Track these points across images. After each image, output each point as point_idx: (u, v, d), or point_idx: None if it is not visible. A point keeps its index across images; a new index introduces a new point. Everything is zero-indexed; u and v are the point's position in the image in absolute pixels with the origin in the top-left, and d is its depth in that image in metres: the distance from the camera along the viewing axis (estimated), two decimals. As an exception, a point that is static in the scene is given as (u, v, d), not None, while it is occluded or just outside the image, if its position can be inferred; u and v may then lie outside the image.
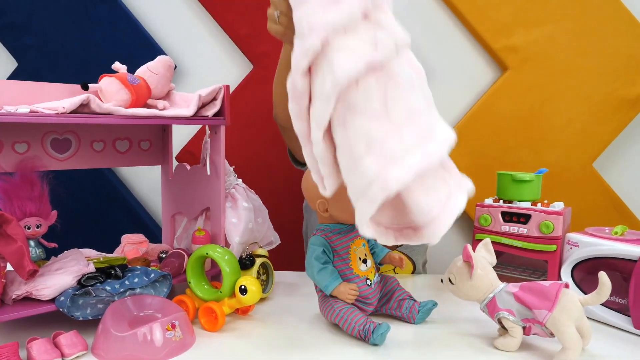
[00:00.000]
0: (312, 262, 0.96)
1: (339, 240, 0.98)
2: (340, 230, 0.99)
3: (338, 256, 0.97)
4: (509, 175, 1.16)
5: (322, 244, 0.97)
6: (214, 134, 1.11)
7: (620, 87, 1.71)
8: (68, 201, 1.72)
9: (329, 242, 0.97)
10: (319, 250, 0.96)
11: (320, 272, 0.95)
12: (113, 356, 0.85)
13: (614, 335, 0.98)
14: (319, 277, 0.95)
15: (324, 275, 0.95)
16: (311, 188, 0.99)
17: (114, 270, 0.98)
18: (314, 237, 0.99)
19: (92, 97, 0.92)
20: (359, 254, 0.99)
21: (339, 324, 0.95)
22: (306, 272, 0.98)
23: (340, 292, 0.94)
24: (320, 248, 0.96)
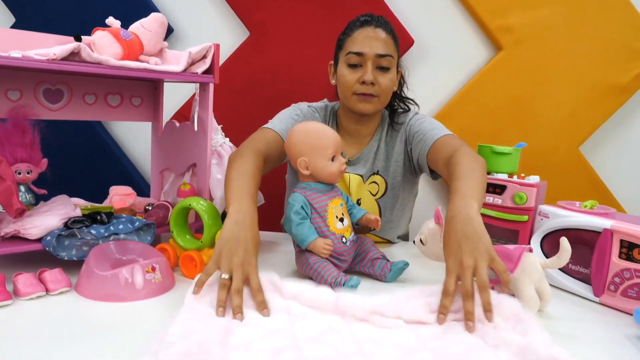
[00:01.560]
0: (290, 216, 1.00)
1: (318, 198, 1.02)
2: (320, 189, 1.03)
3: (316, 213, 1.01)
4: (488, 148, 1.20)
5: (301, 201, 1.00)
6: (202, 92, 1.14)
7: (611, 74, 1.73)
8: (59, 151, 1.76)
9: (308, 199, 1.01)
10: (297, 206, 1.00)
11: (298, 226, 0.99)
12: (95, 294, 0.89)
13: (575, 301, 1.02)
14: (296, 230, 0.99)
15: (301, 229, 0.99)
16: (294, 146, 1.03)
17: (100, 216, 1.02)
18: (294, 194, 1.02)
19: (83, 46, 0.95)
20: (336, 212, 1.02)
21: (312, 277, 0.99)
22: (284, 227, 1.03)
23: (316, 246, 0.98)
24: (299, 204, 1.00)
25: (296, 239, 1.01)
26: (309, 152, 1.01)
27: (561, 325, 0.90)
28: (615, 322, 0.92)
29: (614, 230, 0.98)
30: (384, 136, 1.34)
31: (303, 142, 1.02)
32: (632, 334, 0.87)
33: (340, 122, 1.36)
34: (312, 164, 1.02)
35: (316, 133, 1.03)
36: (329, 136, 1.02)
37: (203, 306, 0.82)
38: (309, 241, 0.99)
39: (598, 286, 1.00)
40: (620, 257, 0.98)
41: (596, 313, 0.97)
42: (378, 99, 1.25)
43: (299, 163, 1.02)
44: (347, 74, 1.24)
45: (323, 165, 1.01)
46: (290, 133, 1.05)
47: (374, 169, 1.34)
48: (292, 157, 1.04)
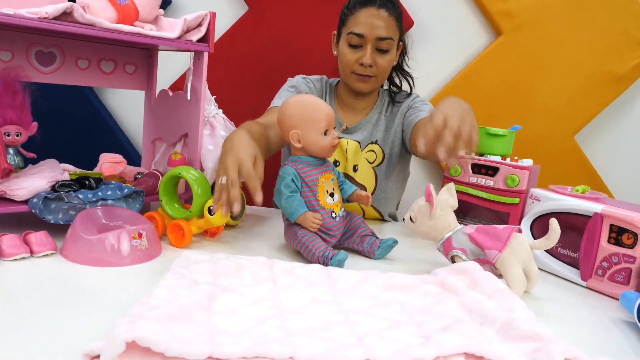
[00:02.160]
0: (280, 189, 0.99)
1: (309, 172, 1.01)
2: (311, 163, 1.02)
3: (306, 186, 1.00)
4: (482, 129, 1.19)
5: (292, 174, 0.99)
6: (197, 61, 1.13)
7: (609, 62, 1.72)
8: (52, 117, 1.74)
9: (299, 172, 1.00)
10: (288, 178, 0.99)
11: (288, 199, 0.98)
12: (80, 258, 0.88)
13: (562, 285, 1.02)
14: (286, 203, 0.98)
15: (291, 202, 0.98)
16: (287, 118, 1.01)
17: (88, 181, 1.01)
18: (285, 166, 1.01)
19: (76, 7, 0.93)
20: (326, 187, 1.02)
21: (301, 251, 0.99)
22: (274, 199, 1.01)
23: (305, 219, 0.98)
24: (290, 177, 0.99)
25: (285, 211, 1.00)
26: (301, 125, 1.00)
27: (546, 306, 0.90)
28: (601, 306, 0.93)
29: (604, 214, 0.97)
30: (384, 110, 1.39)
31: (296, 115, 1.01)
32: (617, 318, 0.88)
33: (339, 94, 1.41)
34: (304, 137, 1.00)
35: (309, 106, 1.01)
36: (322, 109, 1.01)
37: (189, 273, 0.81)
38: (298, 214, 0.98)
39: (586, 270, 1.00)
40: (609, 241, 0.98)
41: (582, 296, 0.97)
42: (375, 79, 1.31)
43: (291, 135, 1.01)
44: (347, 52, 1.28)
45: (315, 138, 1.00)
46: (283, 105, 1.04)
47: (372, 139, 1.37)
48: (284, 129, 1.03)
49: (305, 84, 1.40)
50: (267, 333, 0.64)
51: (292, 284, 0.81)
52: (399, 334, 0.68)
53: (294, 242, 1.00)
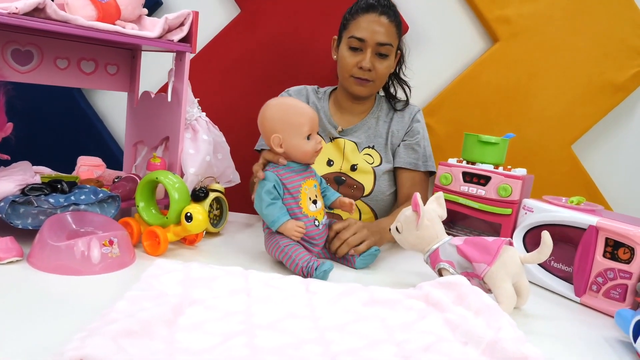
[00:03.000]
0: (261, 196, 0.94)
1: (291, 178, 0.96)
2: (294, 169, 0.97)
3: (288, 193, 0.96)
4: (475, 137, 1.15)
5: (274, 180, 0.95)
6: (178, 61, 1.09)
7: (608, 71, 1.68)
8: (37, 117, 1.70)
9: (280, 178, 0.96)
10: (269, 185, 0.94)
11: (269, 206, 0.94)
12: (46, 265, 0.84)
13: (555, 300, 0.98)
14: (267, 211, 0.94)
15: (272, 210, 0.94)
16: (267, 121, 0.97)
17: (61, 185, 0.97)
18: (266, 172, 0.97)
19: (49, 2, 0.89)
20: (309, 194, 0.97)
21: (283, 261, 0.94)
22: (254, 206, 0.97)
23: (287, 228, 0.93)
24: (271, 183, 0.94)
25: (266, 219, 0.96)
26: (283, 129, 0.96)
27: (538, 323, 0.86)
28: (595, 324, 0.88)
29: (600, 227, 0.93)
30: (381, 116, 1.39)
31: (277, 118, 0.96)
32: (611, 337, 0.83)
33: (336, 97, 1.41)
34: (287, 141, 0.96)
35: (292, 109, 0.97)
36: (305, 112, 0.97)
37: (159, 283, 0.77)
38: (280, 222, 0.94)
39: (580, 286, 0.96)
40: (604, 256, 0.93)
41: (576, 313, 0.93)
42: (373, 83, 1.32)
43: (272, 140, 0.96)
44: (347, 56, 1.29)
45: (298, 143, 0.95)
46: (263, 108, 1.00)
47: (369, 143, 1.36)
48: (265, 133, 0.98)
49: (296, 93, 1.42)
50: (232, 351, 0.60)
51: (267, 296, 0.77)
52: (375, 354, 0.64)
53: (275, 252, 0.96)
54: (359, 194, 1.32)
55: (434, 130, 1.73)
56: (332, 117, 1.40)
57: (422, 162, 1.35)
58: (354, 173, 1.34)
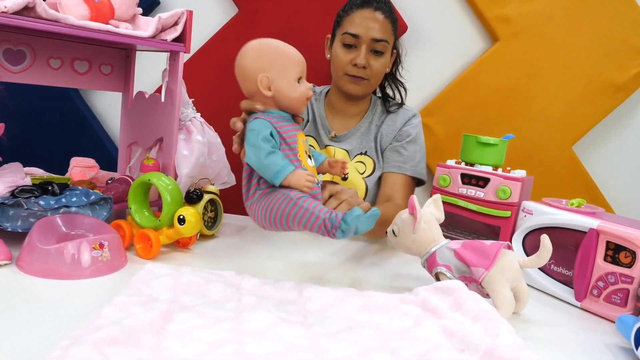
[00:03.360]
0: (259, 144, 0.78)
1: (286, 127, 0.83)
2: (285, 118, 0.85)
3: (285, 144, 0.82)
4: (473, 138, 1.13)
5: (270, 127, 0.80)
6: (172, 61, 1.07)
7: (608, 71, 1.67)
8: (33, 118, 1.68)
9: (274, 126, 0.82)
10: (266, 131, 0.79)
11: (270, 155, 0.78)
12: (35, 269, 0.82)
13: (555, 305, 0.96)
14: (269, 160, 0.78)
15: (275, 158, 0.78)
16: (252, 62, 0.85)
17: (51, 187, 0.95)
18: (256, 120, 0.82)
19: (39, 1, 0.87)
20: (304, 147, 0.86)
21: (294, 218, 0.77)
22: (246, 159, 0.82)
23: (297, 177, 0.78)
24: (268, 130, 0.79)
25: (268, 171, 0.79)
26: (271, 69, 0.83)
27: (537, 329, 0.84)
28: (597, 329, 0.87)
29: (600, 230, 0.91)
30: (375, 119, 1.34)
31: (265, 57, 0.84)
32: (612, 343, 0.81)
33: (331, 99, 1.37)
34: (276, 83, 0.83)
35: (280, 49, 0.86)
36: (294, 53, 0.86)
37: (148, 288, 0.75)
38: (287, 172, 0.78)
39: (580, 290, 0.94)
40: (605, 259, 0.91)
41: (576, 318, 0.91)
42: (368, 82, 1.27)
43: (260, 80, 0.82)
44: (341, 53, 1.25)
45: (289, 85, 0.83)
46: (242, 51, 0.87)
47: (361, 149, 1.32)
48: (248, 76, 0.84)
49: None
50: (221, 359, 0.58)
51: (259, 302, 0.75)
52: (369, 362, 0.62)
53: (281, 210, 0.78)
54: None
55: (433, 132, 1.71)
56: (327, 120, 1.36)
57: (410, 165, 1.28)
58: (345, 183, 1.29)
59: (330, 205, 0.86)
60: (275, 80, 0.83)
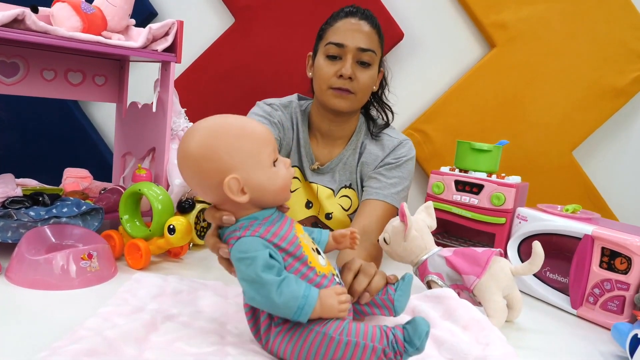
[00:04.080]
0: (260, 278, 0.58)
1: (280, 233, 0.63)
2: (273, 218, 0.65)
3: (289, 256, 0.62)
4: (467, 144, 1.12)
5: (265, 246, 0.60)
6: (164, 71, 1.07)
7: (608, 75, 1.65)
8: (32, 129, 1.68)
9: (267, 240, 0.62)
10: (263, 255, 0.59)
11: (281, 288, 0.58)
12: (24, 280, 0.82)
13: (550, 313, 0.94)
14: (283, 297, 0.58)
15: (289, 291, 0.58)
16: (206, 162, 0.63)
17: (42, 197, 0.95)
18: (243, 241, 0.61)
19: (28, 13, 0.88)
20: (309, 243, 0.67)
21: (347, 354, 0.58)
22: (248, 300, 0.62)
23: (326, 305, 0.59)
24: (265, 252, 0.60)
25: (285, 311, 0.59)
26: (239, 165, 0.62)
27: (531, 337, 0.83)
28: (592, 337, 0.85)
29: (595, 236, 0.90)
30: (360, 146, 1.21)
31: (226, 151, 0.63)
32: (608, 351, 0.80)
33: (313, 120, 1.22)
34: (252, 181, 0.63)
35: (243, 129, 0.65)
36: (260, 129, 0.66)
37: (134, 298, 0.75)
38: (312, 304, 0.58)
39: (576, 297, 0.93)
40: (601, 266, 0.90)
41: (571, 326, 0.89)
42: (355, 97, 1.13)
43: (229, 185, 0.62)
44: (325, 65, 1.13)
45: (268, 178, 0.64)
46: (192, 144, 0.63)
47: (346, 181, 1.21)
48: (208, 179, 0.63)
49: (272, 112, 1.20)
50: (201, 371, 0.57)
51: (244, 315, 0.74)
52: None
53: (326, 356, 0.58)
54: None
55: (431, 139, 1.70)
56: (311, 147, 1.21)
57: (390, 192, 1.12)
58: (329, 222, 1.21)
59: (361, 286, 0.71)
60: (249, 178, 0.62)
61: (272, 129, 1.15)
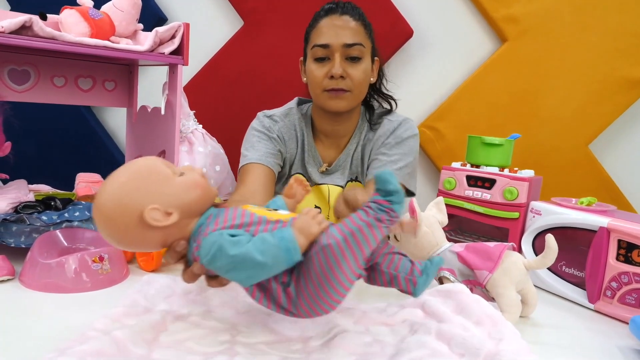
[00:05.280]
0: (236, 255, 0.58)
1: (228, 215, 0.64)
2: (215, 213, 0.66)
3: (249, 226, 0.63)
4: (478, 138, 1.10)
5: (220, 233, 0.60)
6: (171, 74, 1.08)
7: (622, 67, 1.62)
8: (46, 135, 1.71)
9: (224, 226, 0.62)
10: (224, 239, 0.59)
11: (257, 246, 0.58)
12: (37, 284, 0.83)
13: (567, 308, 0.92)
14: (267, 249, 0.58)
15: (266, 242, 0.58)
16: (121, 208, 0.62)
17: (54, 202, 0.96)
18: (202, 244, 0.61)
19: (35, 19, 0.89)
20: (263, 209, 0.68)
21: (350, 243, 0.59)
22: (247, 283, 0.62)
23: (303, 224, 0.60)
24: (224, 235, 0.60)
25: (277, 258, 0.58)
26: (147, 195, 0.62)
27: (546, 333, 0.81)
28: (610, 332, 0.83)
29: (611, 229, 0.88)
30: (362, 138, 1.19)
31: (135, 193, 0.62)
32: (626, 346, 0.78)
33: (316, 122, 1.20)
34: (167, 199, 0.63)
35: (128, 173, 0.65)
36: (143, 162, 0.67)
37: (144, 299, 0.75)
38: (290, 234, 0.59)
39: (593, 291, 0.90)
40: (618, 259, 0.88)
41: (588, 321, 0.87)
42: (351, 94, 1.10)
43: (151, 217, 0.61)
44: (315, 69, 1.10)
45: (178, 186, 0.64)
46: (98, 209, 0.63)
47: (352, 175, 1.20)
48: (134, 226, 0.62)
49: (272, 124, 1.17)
50: (209, 371, 0.57)
51: (255, 315, 0.74)
52: (363, 370, 0.60)
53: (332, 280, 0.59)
54: None
55: (443, 136, 1.69)
56: (317, 150, 1.20)
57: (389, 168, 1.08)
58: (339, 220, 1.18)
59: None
60: (164, 199, 0.62)
61: (271, 144, 1.13)
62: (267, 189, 1.06)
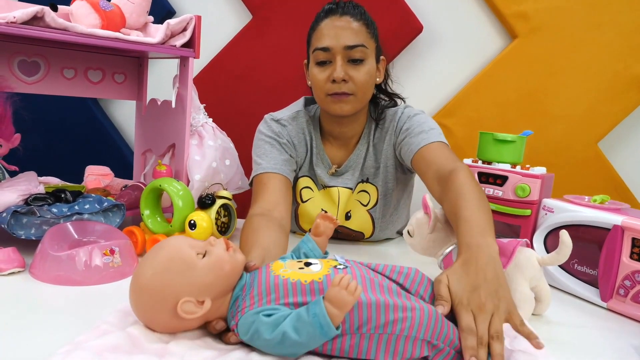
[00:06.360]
0: (274, 338, 0.59)
1: (262, 287, 0.64)
2: (248, 282, 0.66)
3: (282, 297, 0.63)
4: (490, 135, 1.10)
5: (256, 313, 0.61)
6: (182, 67, 1.07)
7: (634, 65, 1.61)
8: (54, 128, 1.71)
9: (254, 304, 0.63)
10: (260, 320, 0.60)
11: (292, 325, 0.58)
12: (47, 276, 0.83)
13: (579, 306, 0.92)
14: (301, 327, 0.58)
15: (300, 319, 0.58)
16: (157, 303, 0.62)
17: (64, 194, 0.96)
18: (240, 323, 0.62)
19: (47, 10, 0.89)
20: (293, 266, 0.67)
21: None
22: (289, 356, 0.61)
23: (335, 297, 0.57)
24: (260, 317, 0.60)
25: (313, 336, 0.58)
26: (175, 291, 0.62)
27: (560, 331, 0.80)
28: (623, 331, 0.82)
29: (625, 227, 0.87)
30: (372, 138, 1.17)
31: (169, 284, 0.62)
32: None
33: (323, 125, 1.18)
34: (196, 287, 0.62)
35: (165, 266, 0.63)
36: (181, 256, 0.64)
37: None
38: (322, 310, 0.57)
39: (606, 290, 0.90)
40: (631, 257, 0.87)
41: (601, 320, 0.87)
42: (355, 97, 1.07)
43: (184, 310, 0.61)
44: (317, 73, 1.07)
45: (204, 270, 0.63)
46: (137, 286, 0.65)
47: (362, 177, 1.18)
48: (162, 312, 0.62)
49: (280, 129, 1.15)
50: None
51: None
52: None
53: None
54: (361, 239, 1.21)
55: (452, 132, 1.68)
56: (325, 152, 1.18)
57: (429, 135, 1.07)
58: (348, 222, 1.18)
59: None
60: (193, 288, 0.62)
61: (284, 151, 1.12)
62: (288, 199, 1.05)
